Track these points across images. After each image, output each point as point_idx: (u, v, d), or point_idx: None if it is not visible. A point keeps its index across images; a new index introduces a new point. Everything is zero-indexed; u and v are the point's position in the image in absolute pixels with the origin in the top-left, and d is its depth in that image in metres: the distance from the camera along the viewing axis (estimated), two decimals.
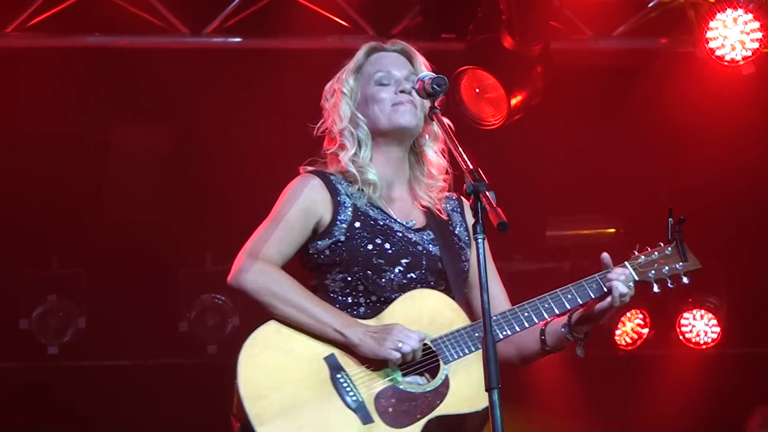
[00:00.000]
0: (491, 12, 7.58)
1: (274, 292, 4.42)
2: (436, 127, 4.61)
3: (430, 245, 4.59)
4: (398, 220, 4.60)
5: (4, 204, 8.87)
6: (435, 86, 4.39)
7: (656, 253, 4.65)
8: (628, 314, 10.15)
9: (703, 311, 10.25)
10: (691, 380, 10.08)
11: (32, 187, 8.74)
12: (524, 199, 8.52)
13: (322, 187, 4.59)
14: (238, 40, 7.93)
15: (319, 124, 4.74)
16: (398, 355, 4.31)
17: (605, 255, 4.58)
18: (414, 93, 4.56)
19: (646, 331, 10.19)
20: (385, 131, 4.61)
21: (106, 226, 9.20)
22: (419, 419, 4.31)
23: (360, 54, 4.71)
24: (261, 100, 8.20)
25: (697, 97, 8.21)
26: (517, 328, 4.49)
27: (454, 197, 4.76)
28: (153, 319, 9.64)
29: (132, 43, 7.90)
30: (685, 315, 10.24)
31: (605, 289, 4.51)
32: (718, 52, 7.77)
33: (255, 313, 4.53)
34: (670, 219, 4.66)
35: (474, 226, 3.99)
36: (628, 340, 10.21)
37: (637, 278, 4.58)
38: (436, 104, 4.46)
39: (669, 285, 4.65)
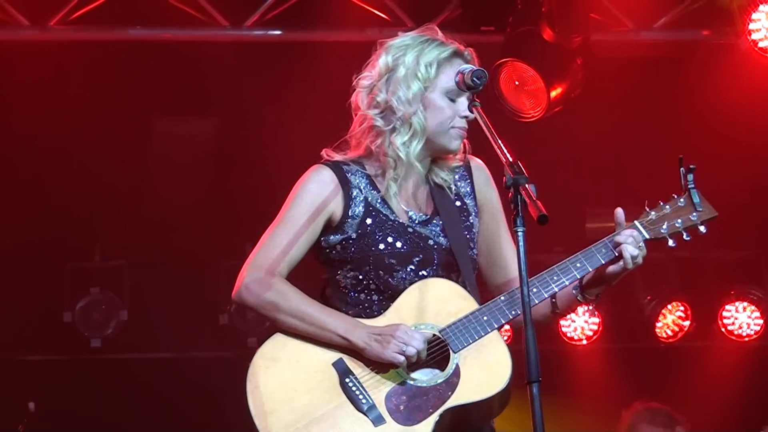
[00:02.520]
0: (531, 4, 7.57)
1: (277, 305, 4.44)
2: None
3: (440, 237, 4.53)
4: (409, 213, 4.55)
5: (48, 197, 8.94)
6: (475, 79, 4.38)
7: (668, 206, 4.55)
8: (669, 306, 10.10)
9: (745, 303, 10.18)
10: (733, 373, 10.01)
11: (75, 180, 8.80)
12: (564, 192, 8.50)
13: (333, 181, 4.55)
14: (278, 32, 7.95)
15: (370, 81, 4.62)
16: (402, 358, 4.30)
17: (619, 210, 4.55)
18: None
19: (687, 323, 10.14)
20: (431, 142, 4.55)
21: (147, 219, 9.25)
22: (431, 413, 4.28)
23: (446, 52, 4.56)
24: (301, 92, 8.22)
25: (739, 89, 8.16)
26: (538, 299, 4.42)
27: (460, 163, 4.68)
28: (194, 312, 9.68)
29: (173, 36, 7.93)
30: (728, 307, 10.17)
31: (615, 253, 4.44)
32: (761, 44, 7.73)
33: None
34: (681, 168, 4.56)
35: (513, 218, 3.98)
36: (669, 333, 10.16)
37: (648, 236, 4.50)
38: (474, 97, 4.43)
39: (685, 237, 4.52)
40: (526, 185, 3.99)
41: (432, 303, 4.42)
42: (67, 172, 8.73)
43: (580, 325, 10.01)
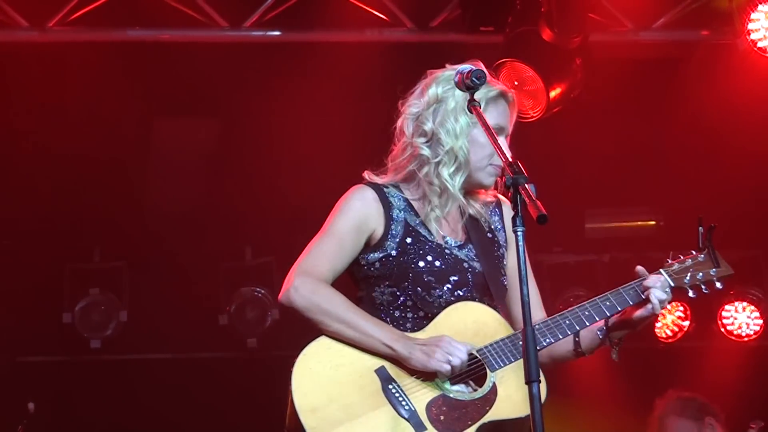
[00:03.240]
0: (530, 4, 7.56)
1: (325, 310, 4.49)
2: None
3: (474, 261, 4.66)
4: (445, 238, 4.65)
5: (47, 199, 8.94)
6: (474, 79, 4.39)
7: (689, 260, 4.73)
8: (669, 307, 10.03)
9: (745, 303, 10.19)
10: (732, 373, 10.01)
11: (74, 182, 8.80)
12: (564, 192, 8.50)
13: (375, 201, 4.64)
14: (277, 33, 7.95)
15: (417, 109, 4.68)
16: (448, 367, 4.39)
17: (640, 267, 4.66)
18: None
19: (686, 323, 10.15)
20: (469, 177, 4.66)
21: (147, 220, 9.26)
22: (470, 425, 4.40)
23: (493, 92, 4.65)
24: (300, 93, 8.22)
25: (738, 89, 8.16)
26: (560, 336, 4.57)
27: (492, 199, 4.81)
28: (193, 313, 9.69)
29: (172, 36, 7.93)
30: (727, 307, 10.18)
31: (642, 296, 4.59)
32: (760, 44, 7.72)
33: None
34: (700, 228, 4.75)
35: (513, 218, 4.01)
36: (669, 333, 10.17)
37: (673, 284, 4.67)
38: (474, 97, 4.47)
39: (704, 290, 4.73)
40: (526, 185, 4.02)
41: (470, 324, 4.54)
42: (66, 173, 8.73)
43: None
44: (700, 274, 4.71)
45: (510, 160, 4.14)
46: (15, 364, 9.62)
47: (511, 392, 4.45)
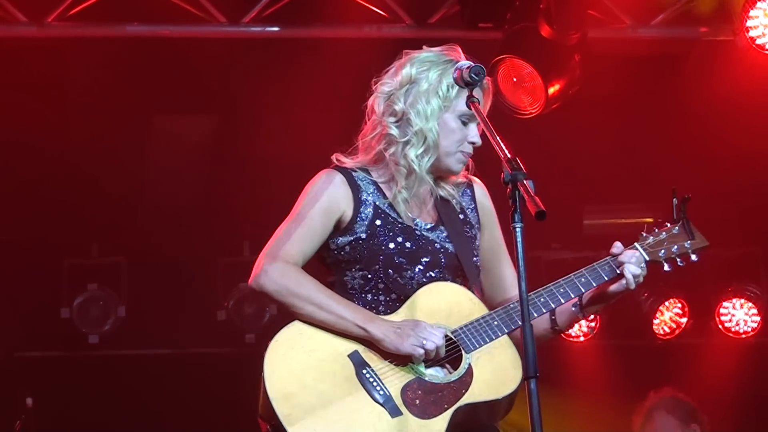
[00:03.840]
0: (529, 1, 7.57)
1: (295, 292, 4.48)
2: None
3: (446, 242, 4.64)
4: (415, 220, 4.63)
5: (45, 194, 8.94)
6: (473, 75, 4.41)
7: (664, 233, 4.69)
8: (667, 303, 10.11)
9: (743, 300, 10.19)
10: (730, 370, 10.02)
11: (73, 177, 8.80)
12: (562, 188, 8.51)
13: (343, 184, 4.62)
14: (276, 29, 7.94)
15: (390, 88, 4.68)
16: (422, 351, 4.37)
17: (617, 243, 4.64)
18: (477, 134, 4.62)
19: (684, 320, 10.15)
20: (437, 161, 4.64)
21: (145, 216, 9.26)
22: (446, 409, 4.36)
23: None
24: (299, 89, 8.22)
25: (736, 85, 8.16)
26: (536, 315, 4.52)
27: (463, 180, 4.77)
28: (191, 308, 9.69)
29: (171, 32, 7.93)
30: (725, 304, 10.18)
31: (617, 272, 4.56)
32: (758, 41, 7.71)
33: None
34: (674, 199, 4.72)
35: (511, 214, 4.01)
36: (667, 330, 10.17)
37: (648, 258, 4.63)
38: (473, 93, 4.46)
39: (679, 263, 4.68)
40: (524, 181, 4.02)
41: (443, 305, 4.51)
42: (64, 168, 8.73)
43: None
44: (675, 246, 4.67)
45: (508, 156, 4.14)
46: (13, 359, 9.62)
47: (486, 374, 4.42)
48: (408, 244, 4.57)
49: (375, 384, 4.38)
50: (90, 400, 9.56)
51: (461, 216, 4.72)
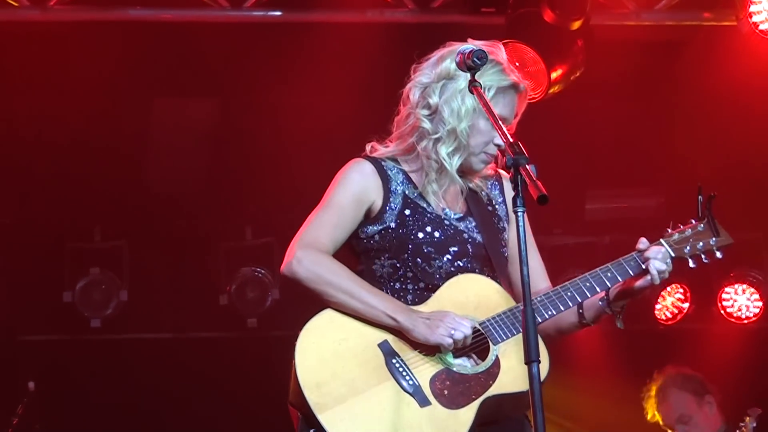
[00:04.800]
0: None
1: (328, 280, 4.49)
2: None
3: (474, 233, 4.66)
4: (445, 209, 4.66)
5: (47, 178, 8.94)
6: (476, 59, 4.38)
7: (689, 230, 4.74)
8: (669, 289, 10.10)
9: (745, 285, 10.18)
10: (732, 355, 10.02)
11: (75, 161, 8.80)
12: (564, 173, 8.50)
13: (374, 174, 4.65)
14: (278, 13, 7.93)
15: (427, 80, 4.67)
16: (451, 341, 4.40)
17: (643, 240, 4.66)
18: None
19: (686, 305, 10.15)
20: (464, 159, 4.66)
21: (147, 200, 9.26)
22: (474, 399, 4.40)
23: (505, 81, 4.65)
24: (301, 74, 8.22)
25: (739, 71, 8.15)
26: (562, 308, 4.59)
27: (492, 173, 4.82)
28: (193, 293, 9.70)
29: (174, 16, 7.92)
30: (727, 289, 10.18)
31: (643, 267, 4.61)
32: (762, 27, 7.70)
33: (294, 286, 4.57)
34: (699, 197, 4.77)
35: (514, 199, 4.02)
36: (668, 315, 10.17)
37: (673, 255, 4.68)
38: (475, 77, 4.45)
39: (704, 260, 4.75)
40: (527, 165, 4.02)
41: (472, 297, 4.55)
42: (66, 152, 8.73)
43: None
44: (701, 243, 4.73)
45: (511, 140, 4.13)
46: (15, 343, 9.64)
47: (514, 365, 4.45)
48: (437, 234, 4.60)
49: (404, 373, 4.41)
50: (92, 384, 9.58)
51: (489, 208, 4.75)
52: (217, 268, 9.78)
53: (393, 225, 4.59)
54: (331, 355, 4.42)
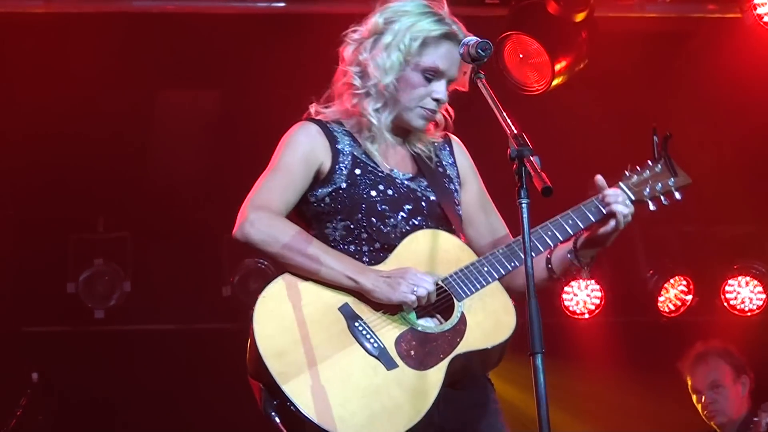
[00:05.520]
0: None
1: (284, 242, 4.39)
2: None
3: (427, 191, 4.57)
4: (393, 169, 4.58)
5: (50, 169, 8.94)
6: (480, 51, 4.36)
7: (647, 171, 4.67)
8: (672, 281, 10.10)
9: (748, 278, 10.17)
10: (735, 348, 10.02)
11: (79, 152, 8.80)
12: (568, 165, 8.49)
13: (320, 134, 4.58)
14: (281, 4, 7.94)
15: (359, 36, 4.65)
16: (413, 298, 4.28)
17: (599, 177, 4.60)
18: (441, 105, 4.57)
19: (689, 297, 10.15)
20: (399, 116, 4.59)
21: (150, 191, 9.26)
22: (442, 359, 4.28)
23: (437, 31, 4.56)
24: (305, 64, 8.19)
25: (743, 63, 8.14)
26: (521, 260, 4.43)
27: (440, 138, 4.73)
28: (197, 284, 9.70)
29: (177, 7, 7.92)
30: (730, 282, 10.17)
31: (604, 212, 4.51)
32: (766, 18, 7.70)
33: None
34: (654, 137, 4.73)
35: (518, 190, 3.98)
36: (672, 307, 10.16)
37: (633, 198, 4.58)
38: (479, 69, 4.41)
39: (663, 202, 4.63)
40: (531, 157, 3.99)
41: (431, 253, 4.42)
42: (70, 143, 8.73)
43: (582, 298, 10.02)
44: (659, 185, 4.65)
45: (515, 132, 4.11)
46: (19, 334, 9.64)
47: (480, 320, 4.35)
48: (390, 192, 4.50)
49: (368, 336, 4.29)
50: (95, 376, 9.58)
51: (440, 169, 4.66)
52: (220, 260, 9.77)
53: (344, 185, 4.49)
54: (291, 322, 4.30)
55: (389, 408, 4.21)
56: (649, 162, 4.68)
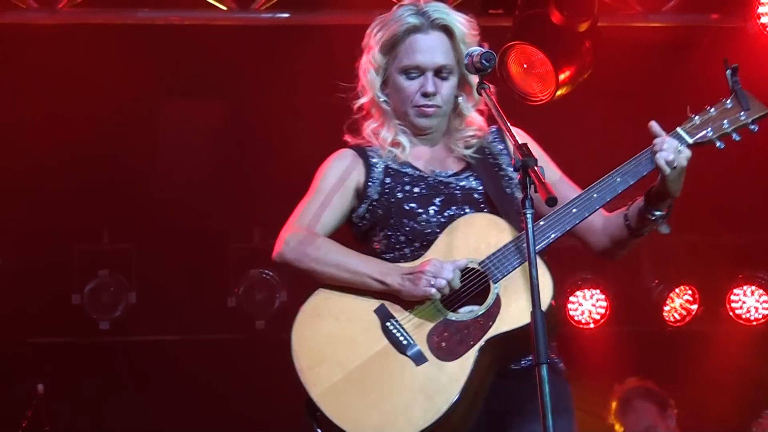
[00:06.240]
0: None
1: (314, 257, 4.39)
2: (475, 93, 4.52)
3: (465, 182, 4.52)
4: (435, 170, 4.56)
5: (56, 180, 8.94)
6: (484, 61, 4.35)
7: (713, 109, 4.49)
8: (677, 290, 10.09)
9: (753, 287, 10.17)
10: (740, 357, 10.01)
11: (84, 163, 8.81)
12: (572, 174, 8.48)
13: (354, 155, 4.60)
14: (285, 15, 7.95)
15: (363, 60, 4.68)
16: (433, 290, 4.23)
17: (653, 123, 4.50)
18: (438, 96, 4.51)
19: (695, 307, 10.14)
20: (405, 122, 4.59)
21: (155, 202, 9.26)
22: (472, 345, 4.21)
23: (397, 28, 4.58)
24: (309, 75, 8.21)
25: (747, 72, 8.11)
26: (587, 214, 4.39)
27: (495, 129, 4.68)
28: (202, 295, 9.70)
29: (182, 18, 7.94)
30: (735, 291, 10.16)
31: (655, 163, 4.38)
32: None
33: (303, 287, 4.55)
34: (728, 70, 4.48)
35: (522, 200, 3.96)
36: (677, 317, 10.15)
37: (690, 141, 4.45)
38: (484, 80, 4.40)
39: (735, 138, 4.46)
40: (535, 167, 3.97)
41: (470, 239, 4.35)
42: (75, 154, 8.73)
43: (588, 308, 10.02)
44: (726, 122, 4.45)
45: (519, 142, 4.10)
46: (24, 345, 9.64)
47: (513, 300, 4.25)
48: (416, 189, 4.49)
49: (399, 335, 4.27)
50: (101, 387, 9.58)
51: (491, 160, 4.60)
52: (225, 270, 9.78)
53: (376, 196, 4.51)
54: (329, 333, 4.31)
55: (411, 405, 4.18)
56: (721, 99, 4.48)
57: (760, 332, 10.19)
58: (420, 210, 4.44)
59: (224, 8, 7.85)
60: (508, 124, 4.22)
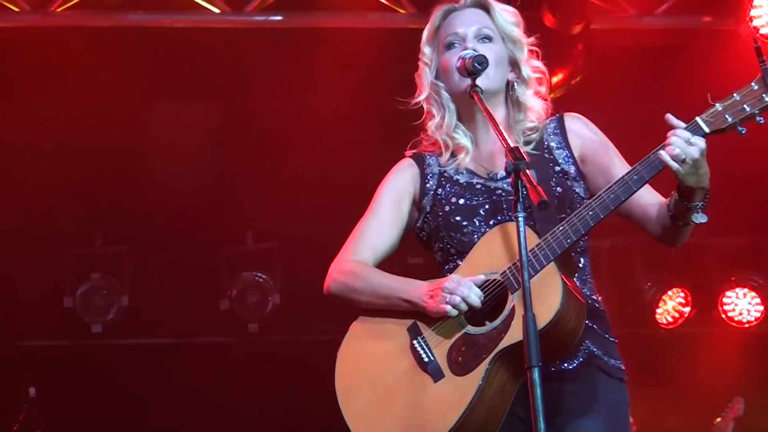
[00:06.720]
0: None
1: (353, 287, 4.44)
2: (526, 71, 4.55)
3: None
4: (488, 171, 4.50)
5: (48, 183, 8.94)
6: (476, 64, 4.34)
7: (737, 94, 4.33)
8: (670, 292, 10.10)
9: (746, 290, 10.19)
10: (732, 359, 10.02)
11: (76, 166, 8.80)
12: None
13: (411, 165, 4.58)
14: (278, 18, 7.95)
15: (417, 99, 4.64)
16: (449, 307, 4.21)
17: (669, 116, 4.43)
18: (484, 48, 4.47)
19: (687, 309, 10.15)
20: (461, 107, 4.55)
21: (148, 205, 9.26)
22: (484, 359, 4.16)
23: (434, 18, 4.60)
24: (302, 78, 8.22)
25: (740, 75, 8.13)
26: (611, 206, 4.39)
27: (554, 119, 4.65)
28: (194, 298, 9.70)
29: (174, 21, 7.93)
30: (728, 293, 10.18)
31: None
32: (762, 31, 7.71)
33: (295, 291, 4.56)
34: (757, 46, 4.28)
35: (513, 203, 3.94)
36: (669, 319, 10.17)
37: (708, 130, 4.35)
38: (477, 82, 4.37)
39: (758, 121, 4.25)
40: (527, 170, 3.95)
41: (501, 249, 4.31)
42: (67, 158, 8.73)
43: None
44: (747, 105, 4.26)
45: (511, 145, 4.08)
46: (16, 348, 9.64)
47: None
48: (462, 201, 4.44)
49: (422, 351, 4.28)
50: (93, 389, 9.58)
51: (546, 155, 4.54)
52: (218, 273, 9.77)
53: (428, 208, 4.51)
54: (365, 356, 4.36)
55: (426, 423, 4.21)
56: (749, 83, 4.31)
57: (752, 334, 10.21)
58: (465, 222, 4.42)
59: (217, 11, 7.84)
60: (500, 127, 4.20)
